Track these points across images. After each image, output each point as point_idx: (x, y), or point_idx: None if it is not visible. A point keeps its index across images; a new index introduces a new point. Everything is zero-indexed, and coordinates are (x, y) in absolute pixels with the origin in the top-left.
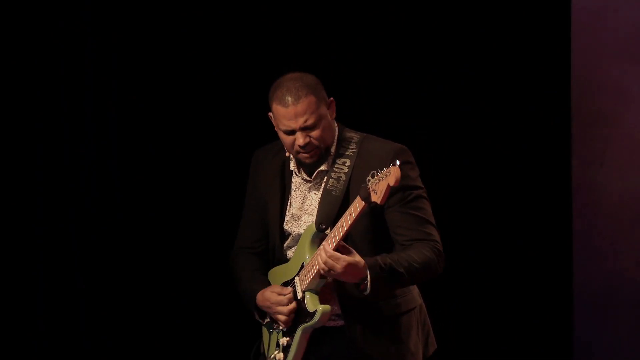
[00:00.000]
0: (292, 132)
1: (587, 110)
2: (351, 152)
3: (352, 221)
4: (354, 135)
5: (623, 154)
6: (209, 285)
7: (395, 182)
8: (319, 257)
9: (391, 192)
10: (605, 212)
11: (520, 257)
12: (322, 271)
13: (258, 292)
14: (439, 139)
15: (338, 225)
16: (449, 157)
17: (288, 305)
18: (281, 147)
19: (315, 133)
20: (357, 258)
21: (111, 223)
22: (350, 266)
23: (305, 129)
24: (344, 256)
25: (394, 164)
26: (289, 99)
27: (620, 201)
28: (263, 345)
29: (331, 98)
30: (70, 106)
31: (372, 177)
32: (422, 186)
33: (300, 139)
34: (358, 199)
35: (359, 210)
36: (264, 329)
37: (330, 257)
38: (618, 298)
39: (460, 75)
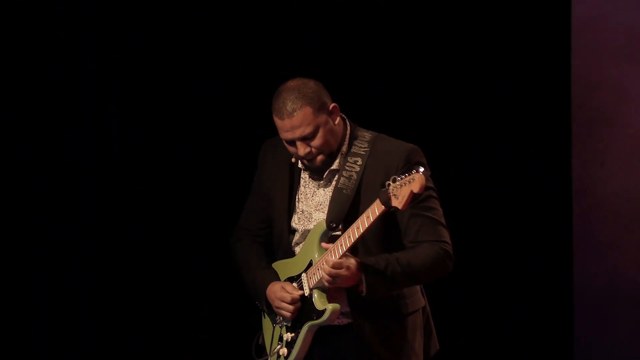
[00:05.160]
0: (292, 142)
1: (587, 110)
2: (363, 151)
3: (369, 224)
4: (366, 134)
5: (623, 154)
6: (209, 283)
7: (420, 189)
8: (324, 266)
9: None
10: (605, 212)
11: (520, 257)
12: (326, 282)
13: (269, 284)
14: (439, 139)
15: (353, 227)
16: (450, 157)
17: (292, 304)
18: None
19: (314, 142)
20: (352, 261)
21: (111, 223)
22: (351, 270)
23: (304, 139)
24: (346, 261)
25: (418, 171)
26: (285, 112)
27: (620, 201)
28: (263, 337)
29: (333, 104)
30: (70, 106)
31: (393, 181)
32: (433, 186)
33: (300, 149)
34: (378, 202)
35: (377, 214)
36: (266, 322)
37: (333, 265)
38: (618, 298)
39: (460, 75)
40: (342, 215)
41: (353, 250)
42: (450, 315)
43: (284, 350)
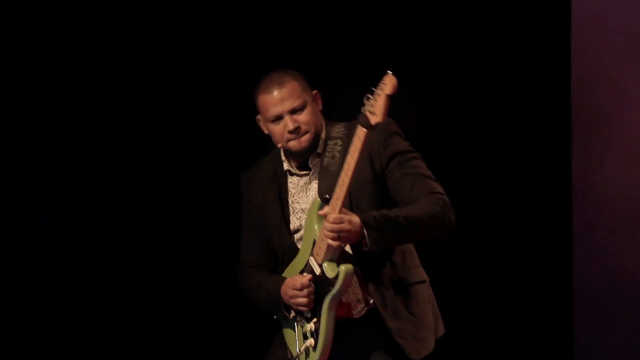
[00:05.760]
0: (280, 118)
1: (587, 110)
2: (341, 133)
3: (357, 157)
4: (341, 122)
5: (623, 154)
6: (209, 283)
7: (393, 90)
8: (325, 224)
9: (388, 158)
10: (605, 212)
11: (520, 257)
12: (331, 240)
13: (281, 286)
14: (440, 138)
15: (343, 170)
16: (450, 157)
17: (303, 288)
18: (267, 160)
19: (302, 117)
20: (354, 216)
21: (111, 223)
22: (352, 223)
23: (292, 112)
24: (347, 216)
25: (387, 73)
26: (274, 85)
27: (620, 201)
28: (289, 351)
29: (315, 91)
30: (70, 106)
31: (367, 100)
32: (415, 150)
33: (289, 124)
34: (359, 128)
35: (362, 140)
36: (287, 331)
37: (334, 220)
38: (618, 298)
39: (460, 75)
40: (332, 187)
41: None
42: (450, 315)
43: (310, 341)
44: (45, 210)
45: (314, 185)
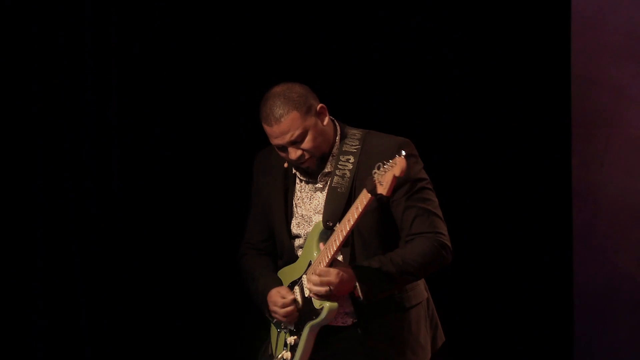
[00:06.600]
0: (283, 148)
1: (587, 110)
2: (354, 148)
3: (358, 215)
4: (356, 132)
5: (623, 154)
6: (213, 286)
7: (401, 172)
8: (312, 277)
9: (397, 184)
10: (605, 212)
11: (520, 257)
12: (317, 295)
13: (270, 290)
14: (439, 139)
15: (344, 220)
16: (449, 157)
17: (283, 307)
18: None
19: (305, 145)
20: (345, 268)
21: (111, 223)
22: (342, 276)
23: (294, 143)
24: (334, 269)
25: (400, 155)
26: (272, 118)
27: (620, 201)
28: (271, 347)
29: (321, 105)
30: (70, 106)
31: (378, 169)
32: (427, 177)
33: (292, 154)
34: (364, 191)
35: (365, 203)
36: (273, 329)
37: (320, 274)
38: (618, 298)
39: (460, 75)
40: (338, 213)
41: (352, 246)
42: (450, 315)
43: (287, 354)
44: (45, 210)
45: (318, 195)
